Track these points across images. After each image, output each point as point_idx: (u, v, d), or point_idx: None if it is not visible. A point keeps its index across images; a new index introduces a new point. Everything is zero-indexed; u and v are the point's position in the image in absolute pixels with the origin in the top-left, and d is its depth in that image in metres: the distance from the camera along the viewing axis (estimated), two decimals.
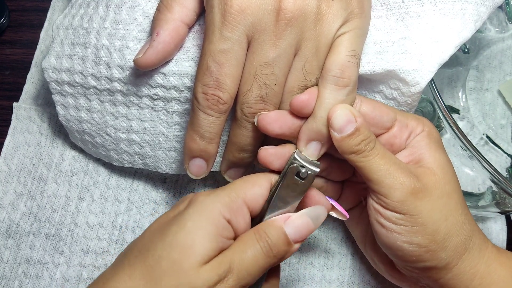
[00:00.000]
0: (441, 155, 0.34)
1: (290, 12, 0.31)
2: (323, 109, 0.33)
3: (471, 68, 0.47)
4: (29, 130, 0.47)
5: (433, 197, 0.32)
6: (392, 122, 0.34)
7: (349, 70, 0.32)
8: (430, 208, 0.32)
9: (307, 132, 0.33)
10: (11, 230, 0.44)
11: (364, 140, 0.32)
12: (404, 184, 0.32)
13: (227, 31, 0.31)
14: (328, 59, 0.33)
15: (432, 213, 0.32)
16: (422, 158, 0.34)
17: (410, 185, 0.32)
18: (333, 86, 0.32)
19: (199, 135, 0.34)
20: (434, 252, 0.32)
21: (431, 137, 0.34)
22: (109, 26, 0.37)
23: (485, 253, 0.34)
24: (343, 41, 0.33)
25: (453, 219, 0.32)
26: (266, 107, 0.33)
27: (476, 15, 0.35)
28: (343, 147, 0.32)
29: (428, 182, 0.32)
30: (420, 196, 0.32)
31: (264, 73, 0.32)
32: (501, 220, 0.45)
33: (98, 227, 0.45)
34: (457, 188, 0.34)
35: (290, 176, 0.33)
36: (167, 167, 0.42)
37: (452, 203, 0.33)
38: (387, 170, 0.32)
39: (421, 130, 0.34)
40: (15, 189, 0.45)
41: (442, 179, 0.33)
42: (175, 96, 0.37)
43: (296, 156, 0.33)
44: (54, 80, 0.40)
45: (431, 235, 0.32)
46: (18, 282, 0.43)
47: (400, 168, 0.32)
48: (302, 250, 0.44)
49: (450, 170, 0.34)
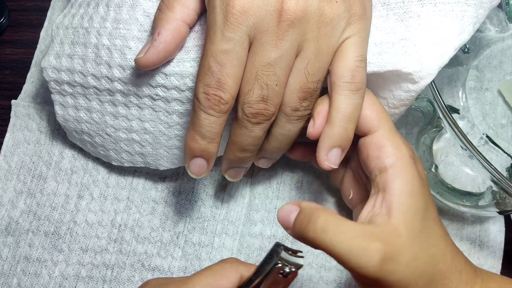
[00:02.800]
0: (412, 205, 0.31)
1: (292, 13, 0.31)
2: (341, 115, 0.33)
3: (471, 68, 0.47)
4: (28, 128, 0.47)
5: (403, 263, 0.30)
6: (370, 129, 0.34)
7: (359, 74, 0.33)
8: (401, 277, 0.30)
9: (328, 140, 0.34)
10: (10, 228, 0.44)
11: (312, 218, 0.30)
12: (372, 259, 0.29)
13: (229, 31, 0.31)
14: (338, 65, 0.33)
15: (404, 281, 0.30)
16: (391, 208, 0.31)
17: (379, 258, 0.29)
18: (348, 91, 0.33)
19: (200, 135, 0.34)
20: None
21: (403, 178, 0.32)
22: (110, 26, 0.37)
23: (474, 285, 0.32)
24: (350, 45, 0.33)
25: (423, 281, 0.30)
26: (267, 107, 0.33)
27: (475, 17, 0.35)
28: (297, 235, 0.31)
29: (396, 247, 0.30)
30: (390, 268, 0.30)
31: (265, 74, 0.32)
32: (499, 222, 0.45)
33: (97, 226, 0.45)
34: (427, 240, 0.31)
35: (274, 276, 0.31)
36: (169, 163, 0.42)
37: (421, 265, 0.30)
38: (349, 249, 0.29)
39: (390, 164, 0.32)
40: (15, 187, 0.45)
41: (408, 240, 0.30)
42: (176, 97, 0.37)
43: (282, 256, 0.31)
44: (53, 79, 0.40)
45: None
46: (17, 279, 0.43)
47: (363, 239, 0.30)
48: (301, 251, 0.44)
49: (418, 221, 0.31)
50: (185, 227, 0.45)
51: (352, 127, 0.34)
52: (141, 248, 0.44)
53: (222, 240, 0.44)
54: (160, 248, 0.44)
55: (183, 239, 0.44)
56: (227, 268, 0.33)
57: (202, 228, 0.45)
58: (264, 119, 0.34)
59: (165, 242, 0.44)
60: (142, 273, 0.43)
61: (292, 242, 0.44)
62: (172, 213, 0.45)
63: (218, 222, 0.45)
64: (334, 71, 0.33)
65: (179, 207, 0.45)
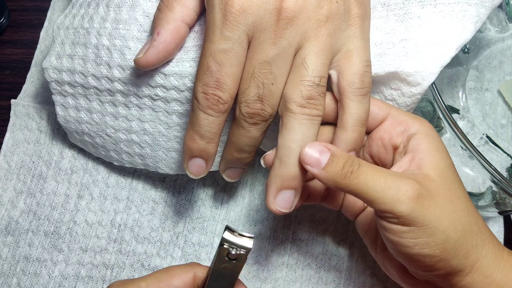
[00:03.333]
0: (441, 159, 0.32)
1: (291, 11, 0.31)
2: (354, 120, 0.33)
3: (471, 68, 0.47)
4: (28, 127, 0.47)
5: (439, 204, 0.30)
6: (384, 115, 0.34)
7: (367, 79, 0.33)
8: (439, 216, 0.30)
9: (343, 145, 0.34)
10: (10, 227, 0.44)
11: (346, 161, 0.30)
12: (408, 193, 0.30)
13: (228, 30, 0.31)
14: (347, 71, 0.33)
15: (441, 222, 0.30)
16: (422, 163, 0.32)
17: (415, 193, 0.30)
18: (359, 96, 0.33)
19: (199, 135, 0.34)
20: (445, 261, 0.31)
21: (429, 138, 0.33)
22: (110, 26, 0.37)
23: (501, 261, 0.32)
24: (355, 49, 0.33)
25: (461, 227, 0.31)
26: (263, 107, 0.33)
27: (476, 16, 0.35)
28: (329, 178, 0.31)
29: (431, 188, 0.31)
30: (426, 204, 0.30)
31: (262, 72, 0.32)
32: (498, 222, 0.45)
33: (97, 226, 0.45)
34: (461, 194, 0.32)
35: (220, 257, 0.30)
36: (167, 167, 0.42)
37: (458, 210, 0.31)
38: (385, 183, 0.30)
39: (417, 130, 0.33)
40: (15, 187, 0.45)
41: (442, 186, 0.31)
42: (175, 97, 0.37)
43: (225, 236, 0.30)
44: (55, 80, 0.40)
45: (441, 245, 0.30)
46: (17, 279, 0.43)
47: (398, 177, 0.30)
48: (300, 251, 0.44)
49: (451, 175, 0.32)
50: (184, 227, 0.45)
51: (364, 129, 0.34)
52: (141, 248, 0.44)
53: None
54: (160, 248, 0.44)
55: (183, 239, 0.44)
56: (182, 268, 0.33)
57: (202, 228, 0.45)
58: (260, 119, 0.33)
59: (165, 242, 0.44)
60: (142, 273, 0.43)
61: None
62: (172, 213, 0.45)
63: (218, 222, 0.45)
64: (344, 77, 0.33)
65: (179, 207, 0.45)
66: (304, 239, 0.44)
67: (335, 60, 0.33)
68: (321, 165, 0.31)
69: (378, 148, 0.35)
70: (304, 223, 0.45)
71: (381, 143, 0.35)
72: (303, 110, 0.32)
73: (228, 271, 0.31)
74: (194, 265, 0.33)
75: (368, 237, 0.38)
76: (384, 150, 0.35)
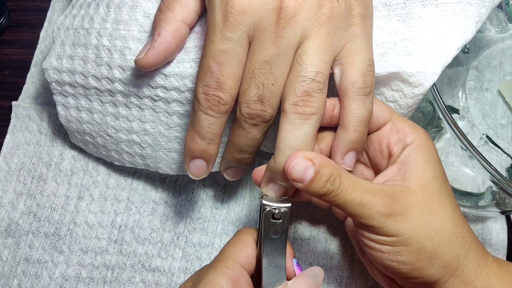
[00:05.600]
0: (426, 171, 0.33)
1: (291, 10, 0.31)
2: (356, 120, 0.33)
3: (471, 68, 0.48)
4: (29, 129, 0.47)
5: (414, 217, 0.31)
6: (386, 120, 0.35)
7: (370, 78, 0.33)
8: (412, 228, 0.31)
9: (343, 144, 0.34)
10: (11, 229, 0.44)
11: (329, 179, 0.31)
12: (380, 211, 0.31)
13: (228, 31, 0.31)
14: (350, 70, 0.33)
15: (415, 233, 0.31)
16: (406, 175, 0.33)
17: (387, 210, 0.31)
18: (362, 96, 0.33)
19: (200, 136, 0.34)
20: (421, 269, 0.32)
21: (421, 150, 0.33)
22: (110, 27, 0.37)
23: (484, 269, 0.33)
24: (357, 49, 0.33)
25: (439, 238, 0.32)
26: (264, 108, 0.33)
27: (477, 16, 0.35)
28: (312, 193, 0.32)
29: (408, 202, 0.32)
30: (399, 219, 0.31)
31: (262, 72, 0.32)
32: (501, 220, 0.45)
33: (98, 227, 0.45)
34: (447, 205, 0.33)
35: (267, 221, 0.33)
36: (167, 168, 0.42)
37: (438, 221, 0.32)
38: (361, 201, 0.31)
39: (411, 141, 0.34)
40: (15, 188, 0.45)
41: (422, 198, 0.32)
42: (175, 97, 0.37)
43: (264, 201, 0.33)
44: (55, 80, 0.40)
45: (416, 254, 0.31)
46: (17, 281, 0.43)
47: (374, 194, 0.31)
48: (302, 250, 0.44)
49: (435, 186, 0.33)
50: (185, 228, 0.45)
51: (366, 129, 0.34)
52: (142, 249, 0.44)
53: (222, 240, 0.44)
54: (161, 248, 0.44)
55: (184, 240, 0.44)
56: (243, 234, 0.35)
57: (203, 229, 0.45)
58: (261, 120, 0.33)
59: (166, 242, 0.44)
60: (143, 273, 0.43)
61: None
62: (172, 213, 0.45)
63: (219, 223, 0.45)
64: (346, 76, 0.33)
65: (179, 207, 0.45)
66: (305, 238, 0.44)
67: (338, 58, 0.33)
68: (304, 181, 0.31)
69: (375, 152, 0.36)
70: (305, 222, 0.45)
71: (379, 147, 0.35)
72: (295, 108, 0.32)
73: (276, 232, 0.33)
74: (249, 229, 0.35)
75: (356, 241, 0.39)
76: (380, 154, 0.35)
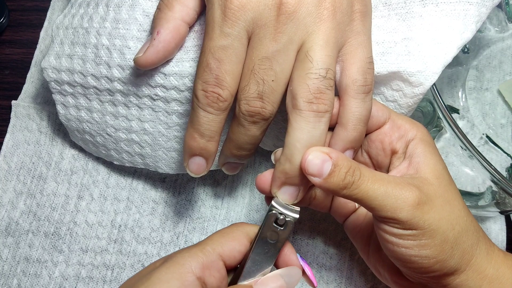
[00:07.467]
0: (437, 163, 0.33)
1: (291, 6, 0.31)
2: (355, 118, 0.33)
3: (471, 68, 0.48)
4: (29, 128, 0.47)
5: (437, 207, 0.31)
6: (385, 119, 0.34)
7: (370, 76, 0.33)
8: (437, 218, 0.31)
9: (341, 142, 0.33)
10: (10, 228, 0.44)
11: (348, 171, 0.30)
12: (408, 200, 0.30)
13: (227, 27, 0.31)
14: (351, 67, 0.32)
15: (440, 224, 0.31)
16: (419, 167, 0.32)
17: (415, 200, 0.30)
18: (362, 94, 0.32)
19: (199, 133, 0.34)
20: (443, 262, 0.31)
21: (425, 143, 0.33)
22: (109, 26, 0.37)
23: (492, 257, 0.33)
24: (358, 46, 0.33)
25: (459, 227, 0.31)
26: (263, 105, 0.32)
27: (477, 15, 0.35)
28: (330, 188, 0.30)
29: (429, 192, 0.31)
30: (426, 208, 0.30)
31: (262, 68, 0.31)
32: (500, 220, 0.45)
33: (97, 226, 0.45)
34: (457, 195, 0.33)
35: (268, 224, 0.31)
36: (167, 167, 0.42)
37: (455, 211, 0.32)
38: (385, 192, 0.30)
39: (413, 135, 0.33)
40: (15, 187, 0.45)
41: (439, 187, 0.32)
42: (175, 97, 0.37)
43: (274, 203, 0.32)
44: (54, 79, 0.40)
45: (439, 246, 0.31)
46: (17, 280, 0.43)
47: (398, 184, 0.31)
48: (301, 250, 0.44)
49: (447, 177, 0.33)
50: (185, 228, 0.45)
51: (365, 128, 0.34)
52: (141, 249, 0.44)
53: None
54: (160, 248, 0.44)
55: (183, 240, 0.44)
56: (237, 229, 0.33)
57: (203, 229, 0.45)
58: (260, 118, 0.33)
59: (165, 242, 0.44)
60: None
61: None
62: (172, 213, 0.45)
63: (218, 222, 0.45)
64: (347, 74, 0.33)
65: (179, 207, 0.45)
66: (304, 238, 0.44)
67: (340, 55, 0.33)
68: (322, 175, 0.30)
69: (377, 151, 0.35)
70: (305, 222, 0.45)
71: (381, 146, 0.35)
72: (310, 106, 0.31)
73: (274, 238, 0.31)
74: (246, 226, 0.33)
75: (359, 239, 0.38)
76: (383, 153, 0.35)
